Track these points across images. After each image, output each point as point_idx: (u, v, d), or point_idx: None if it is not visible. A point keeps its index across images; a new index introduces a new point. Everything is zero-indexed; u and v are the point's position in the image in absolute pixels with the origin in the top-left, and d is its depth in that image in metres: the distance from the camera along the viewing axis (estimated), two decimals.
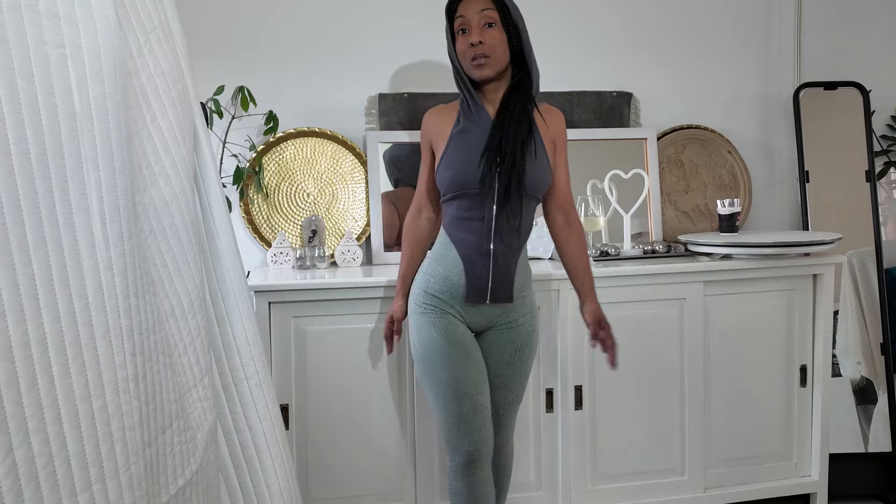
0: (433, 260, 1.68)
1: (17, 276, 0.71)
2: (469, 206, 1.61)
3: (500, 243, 1.62)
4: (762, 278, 2.18)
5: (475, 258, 1.62)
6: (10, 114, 0.71)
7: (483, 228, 1.61)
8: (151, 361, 0.88)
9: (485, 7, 1.60)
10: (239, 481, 1.17)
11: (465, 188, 1.60)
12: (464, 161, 1.60)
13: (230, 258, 1.16)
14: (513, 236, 1.63)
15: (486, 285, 1.63)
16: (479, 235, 1.61)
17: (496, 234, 1.61)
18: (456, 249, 1.64)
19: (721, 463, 2.19)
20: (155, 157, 0.95)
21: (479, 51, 1.60)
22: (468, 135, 1.63)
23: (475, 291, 1.63)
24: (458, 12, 1.63)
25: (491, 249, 1.61)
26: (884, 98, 2.65)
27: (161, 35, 0.99)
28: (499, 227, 1.61)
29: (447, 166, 1.63)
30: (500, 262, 1.62)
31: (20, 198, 0.72)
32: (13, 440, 0.70)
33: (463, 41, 1.63)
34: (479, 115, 1.64)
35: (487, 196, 1.59)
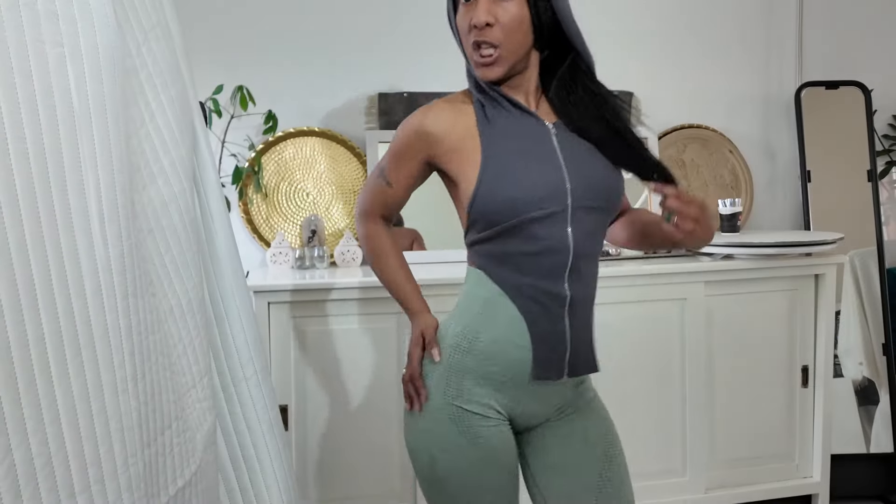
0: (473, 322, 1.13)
1: (16, 275, 0.71)
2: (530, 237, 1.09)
3: (579, 284, 1.12)
4: (764, 278, 2.17)
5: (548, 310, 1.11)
6: (9, 113, 0.71)
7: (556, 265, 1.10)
8: (150, 362, 0.88)
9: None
10: (238, 482, 1.17)
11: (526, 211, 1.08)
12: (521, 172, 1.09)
13: (229, 258, 1.16)
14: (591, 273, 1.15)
15: (565, 349, 1.11)
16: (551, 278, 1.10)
17: (573, 271, 1.11)
18: (513, 303, 1.10)
19: (722, 464, 2.18)
20: (153, 157, 0.94)
21: (484, 36, 1.08)
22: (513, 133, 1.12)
23: (548, 362, 1.11)
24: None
25: (568, 295, 1.11)
26: (885, 97, 2.65)
27: (160, 34, 0.99)
28: (577, 260, 1.11)
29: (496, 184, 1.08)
30: (578, 312, 1.13)
31: (18, 197, 0.71)
32: (11, 441, 0.70)
33: (465, 14, 1.10)
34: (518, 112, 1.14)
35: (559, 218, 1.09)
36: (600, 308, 2.02)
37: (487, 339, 1.12)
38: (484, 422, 1.12)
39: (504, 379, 1.12)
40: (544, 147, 1.12)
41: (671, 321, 2.11)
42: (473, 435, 1.12)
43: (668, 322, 2.11)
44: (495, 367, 1.12)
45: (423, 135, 1.15)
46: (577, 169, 1.11)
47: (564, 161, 1.11)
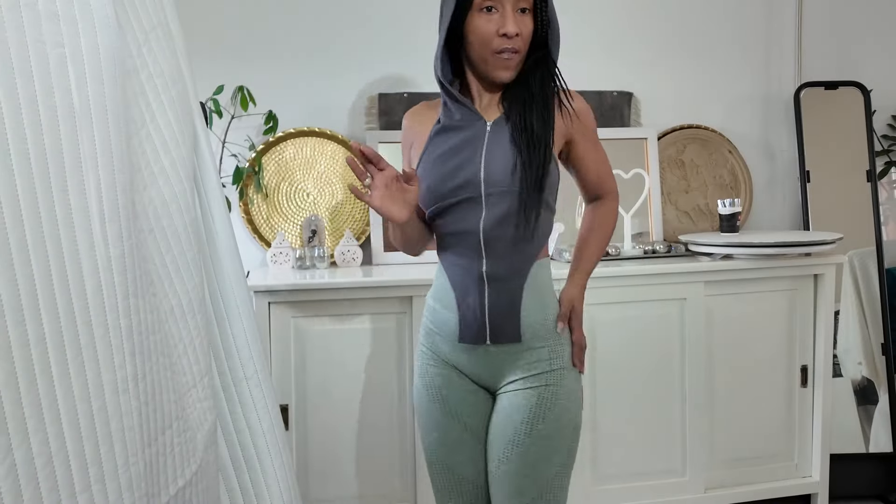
0: (430, 294, 1.39)
1: (17, 275, 0.71)
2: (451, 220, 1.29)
3: (497, 262, 1.27)
4: (763, 278, 2.17)
5: (468, 284, 1.29)
6: (9, 113, 0.71)
7: (469, 245, 1.27)
8: (151, 361, 0.88)
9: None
10: (239, 482, 1.17)
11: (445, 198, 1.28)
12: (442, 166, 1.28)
13: (230, 258, 1.16)
14: (515, 252, 1.28)
15: (483, 318, 1.28)
16: (467, 255, 1.28)
17: (490, 250, 1.27)
18: (446, 274, 1.33)
19: (722, 463, 2.18)
20: (154, 157, 0.95)
21: (511, 44, 1.24)
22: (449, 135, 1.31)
23: (470, 328, 1.29)
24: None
25: (483, 271, 1.28)
26: (885, 97, 2.65)
27: (160, 34, 0.99)
28: (490, 240, 1.27)
29: (423, 174, 1.30)
30: (498, 287, 1.28)
31: (19, 197, 0.71)
32: (12, 440, 0.70)
33: (488, 23, 1.23)
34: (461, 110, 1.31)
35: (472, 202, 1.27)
36: (600, 308, 2.04)
37: (432, 302, 1.37)
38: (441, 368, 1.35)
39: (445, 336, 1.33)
40: (473, 143, 1.29)
41: (671, 321, 2.11)
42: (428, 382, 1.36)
43: (668, 322, 2.11)
44: (439, 324, 1.34)
45: (405, 129, 1.41)
46: (495, 160, 1.27)
47: (486, 154, 1.28)
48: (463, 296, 1.30)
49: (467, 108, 1.30)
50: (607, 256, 2.22)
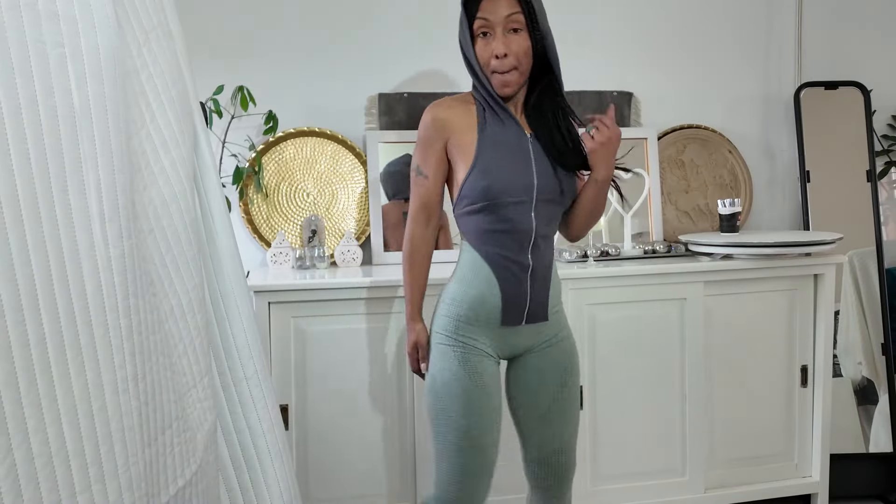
0: (461, 282, 1.49)
1: (17, 276, 0.71)
2: (503, 218, 1.45)
3: (538, 256, 1.48)
4: (763, 278, 2.17)
5: (514, 274, 1.47)
6: (10, 114, 0.71)
7: (519, 241, 1.46)
8: (151, 362, 0.88)
9: (512, 11, 1.41)
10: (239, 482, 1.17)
11: (501, 197, 1.43)
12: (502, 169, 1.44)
13: (230, 258, 1.16)
14: (548, 248, 1.51)
15: (525, 304, 1.48)
16: (515, 249, 1.46)
17: (534, 247, 1.47)
18: (488, 265, 1.47)
19: (722, 463, 2.18)
20: (154, 157, 0.95)
21: (504, 65, 1.42)
22: (501, 139, 1.47)
23: (513, 312, 1.48)
24: (481, 12, 1.42)
25: (530, 263, 1.47)
26: (885, 98, 2.65)
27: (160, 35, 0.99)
28: (537, 238, 1.47)
29: (483, 174, 1.43)
30: (538, 276, 1.49)
31: (19, 198, 0.71)
32: (12, 440, 0.70)
33: (485, 47, 1.43)
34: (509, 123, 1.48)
35: (526, 206, 1.45)
36: (600, 308, 2.04)
37: (473, 292, 1.48)
38: (473, 352, 1.48)
39: (485, 324, 1.48)
40: (522, 152, 1.47)
41: (671, 321, 2.11)
42: (463, 360, 1.47)
43: (668, 322, 2.11)
44: (480, 312, 1.48)
45: (440, 121, 1.50)
46: (542, 171, 1.47)
47: (535, 164, 1.47)
48: (507, 284, 1.47)
49: (512, 121, 1.48)
50: (608, 256, 2.22)
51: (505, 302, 1.47)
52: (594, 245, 2.24)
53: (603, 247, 2.24)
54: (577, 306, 2.04)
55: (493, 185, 1.43)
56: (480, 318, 1.48)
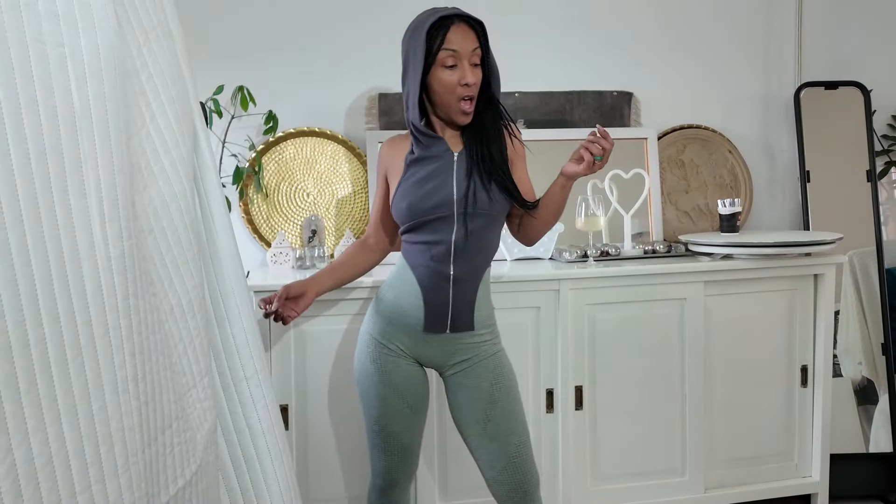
0: (389, 287, 1.62)
1: (17, 276, 0.71)
2: (427, 232, 1.55)
3: (463, 266, 1.55)
4: (763, 278, 2.17)
5: (436, 283, 1.55)
6: (9, 114, 0.71)
7: (441, 253, 1.54)
8: (151, 362, 0.88)
9: (475, 46, 1.53)
10: (239, 482, 1.17)
11: (421, 215, 1.54)
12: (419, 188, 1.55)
13: (230, 258, 1.16)
14: (475, 259, 1.57)
15: (447, 312, 1.55)
16: (438, 260, 1.54)
17: (458, 258, 1.55)
18: (413, 275, 1.57)
19: (722, 463, 2.19)
20: (154, 157, 0.95)
21: (469, 91, 1.53)
22: (423, 161, 1.58)
23: (435, 319, 1.56)
24: (450, 44, 1.51)
25: (451, 274, 1.55)
26: (885, 98, 2.65)
27: (160, 34, 0.99)
28: (461, 249, 1.55)
29: (402, 196, 1.57)
30: (461, 286, 1.56)
31: (19, 198, 0.71)
32: (12, 440, 0.70)
33: (451, 76, 1.52)
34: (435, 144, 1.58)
35: (447, 220, 1.54)
36: (600, 308, 2.04)
37: (392, 295, 1.59)
38: (393, 357, 1.59)
39: (405, 326, 1.57)
40: (444, 171, 1.56)
41: (671, 321, 2.11)
42: (381, 366, 1.58)
43: (668, 322, 2.11)
44: (398, 316, 1.58)
45: (381, 157, 1.69)
46: (465, 185, 1.54)
47: (456, 179, 1.55)
48: (429, 292, 1.56)
49: (437, 142, 1.58)
50: (608, 256, 2.22)
51: (427, 309, 1.55)
52: (594, 245, 2.24)
53: (603, 247, 2.24)
54: (577, 306, 2.04)
55: (411, 204, 1.54)
56: (402, 322, 1.57)
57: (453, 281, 1.55)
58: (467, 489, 2.01)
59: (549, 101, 2.45)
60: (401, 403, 1.59)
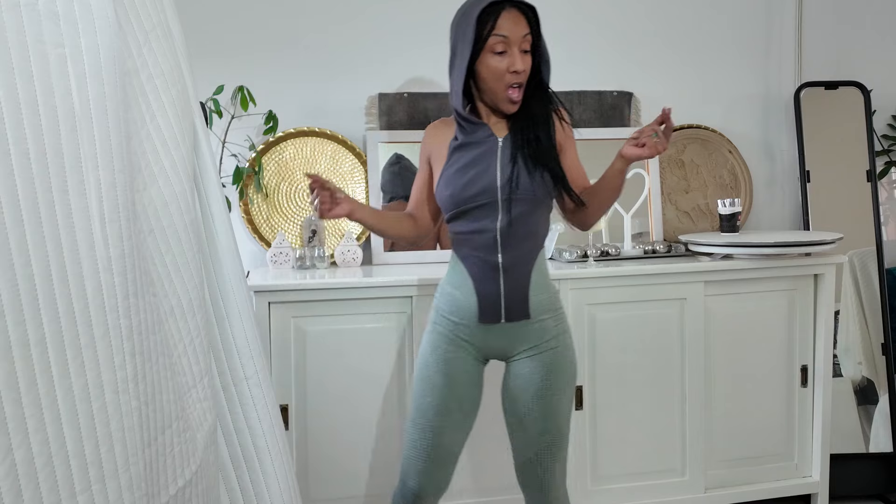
0: (444, 280, 1.60)
1: (17, 276, 0.71)
2: (470, 221, 1.54)
3: (511, 254, 1.52)
4: (763, 278, 2.17)
5: (486, 273, 1.53)
6: (10, 114, 0.71)
7: (487, 241, 1.52)
8: (151, 362, 0.88)
9: (526, 32, 1.49)
10: (239, 481, 1.17)
11: (464, 203, 1.52)
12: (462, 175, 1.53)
13: (230, 258, 1.16)
14: (525, 246, 1.54)
15: (500, 301, 1.53)
16: (485, 249, 1.52)
17: (505, 245, 1.52)
18: (464, 266, 1.55)
19: (722, 463, 2.18)
20: (154, 157, 0.95)
21: (518, 79, 1.50)
22: (467, 147, 1.56)
23: (489, 309, 1.53)
24: (500, 29, 1.47)
25: (500, 263, 1.52)
26: (885, 98, 2.65)
27: (160, 35, 0.99)
28: (508, 237, 1.52)
29: (445, 184, 1.55)
30: (512, 274, 1.53)
31: (19, 198, 0.71)
32: (12, 440, 0.70)
33: (500, 62, 1.49)
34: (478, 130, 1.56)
35: (491, 207, 1.52)
36: (600, 308, 2.04)
37: (450, 288, 1.58)
38: (453, 346, 1.55)
39: (461, 319, 1.55)
40: (488, 157, 1.54)
41: (671, 321, 2.11)
42: (435, 345, 1.56)
43: (668, 322, 2.11)
44: (456, 308, 1.56)
45: (425, 141, 1.67)
46: (508, 171, 1.52)
47: (500, 166, 1.53)
48: (480, 283, 1.53)
49: (480, 128, 1.56)
50: (608, 256, 2.22)
51: (480, 299, 1.53)
52: (594, 245, 2.24)
53: (603, 247, 2.24)
54: (577, 306, 2.04)
55: (454, 192, 1.52)
56: (460, 314, 1.55)
57: (503, 269, 1.52)
58: (467, 489, 2.01)
59: None
60: (451, 397, 1.54)
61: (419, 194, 1.68)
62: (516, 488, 2.00)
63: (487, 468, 2.01)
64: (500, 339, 1.56)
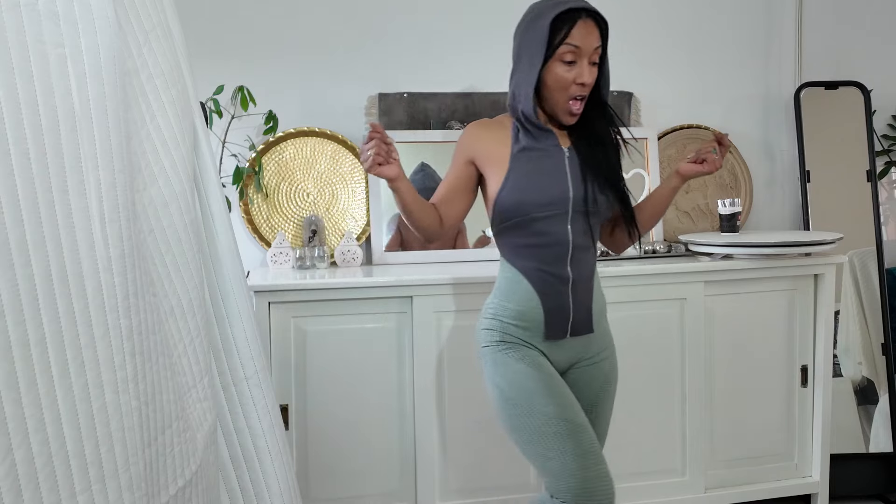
0: (501, 297, 1.51)
1: (17, 276, 0.71)
2: (538, 232, 1.47)
3: (578, 267, 1.49)
4: (763, 278, 2.17)
5: (555, 288, 1.47)
6: (10, 113, 0.71)
7: (557, 254, 1.47)
8: (151, 362, 0.88)
9: (597, 44, 1.46)
10: (239, 481, 1.17)
11: (534, 211, 1.45)
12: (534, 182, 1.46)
13: (230, 258, 1.16)
14: (588, 259, 1.52)
15: (568, 316, 1.49)
16: (554, 262, 1.47)
17: (573, 258, 1.48)
18: (527, 280, 1.48)
19: (722, 463, 2.18)
20: (154, 157, 0.95)
21: (584, 91, 1.47)
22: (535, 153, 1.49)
23: (556, 326, 1.48)
24: (573, 39, 1.42)
25: (569, 276, 1.48)
26: (885, 97, 2.65)
27: (160, 34, 0.99)
28: (575, 250, 1.48)
29: (514, 190, 1.46)
30: (579, 288, 1.49)
31: (19, 198, 0.71)
32: (12, 440, 0.70)
33: (568, 72, 1.45)
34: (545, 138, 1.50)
35: (561, 218, 1.47)
36: None
37: (513, 307, 1.49)
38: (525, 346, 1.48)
39: (529, 337, 1.48)
40: (557, 164, 1.49)
41: (671, 321, 2.11)
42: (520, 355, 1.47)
43: (668, 322, 2.11)
44: (522, 326, 1.48)
45: (470, 136, 1.55)
46: (582, 185, 1.48)
47: (570, 176, 1.49)
48: (548, 298, 1.47)
49: (547, 135, 1.50)
50: (608, 256, 2.22)
51: (548, 316, 1.48)
52: None
53: (603, 247, 2.24)
54: None
55: (525, 199, 1.45)
56: (524, 331, 1.48)
57: (572, 284, 1.48)
58: (468, 489, 2.01)
59: None
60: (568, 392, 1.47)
61: (450, 193, 1.56)
62: (516, 488, 2.01)
63: (488, 468, 2.01)
64: (562, 353, 1.52)
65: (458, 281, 1.94)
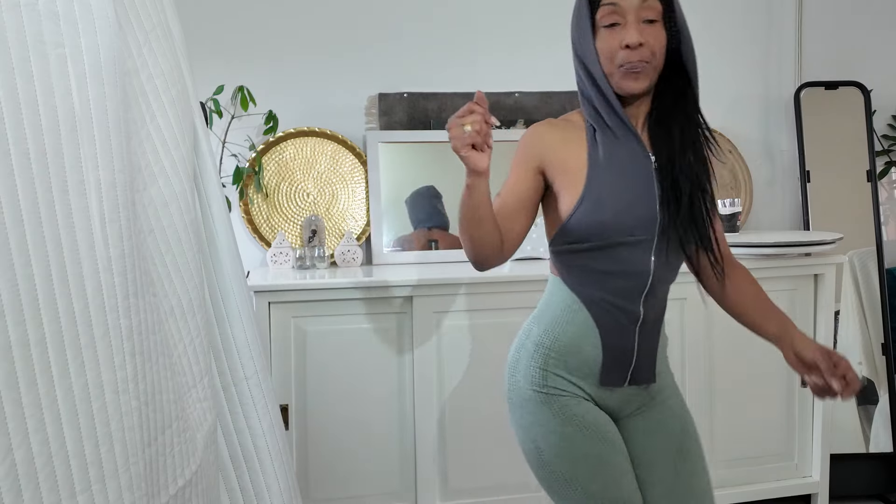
0: (550, 325, 1.23)
1: (17, 276, 0.71)
2: (616, 259, 1.19)
3: (652, 305, 1.23)
4: (763, 278, 2.16)
5: (621, 325, 1.21)
6: (9, 113, 0.71)
7: (632, 287, 1.20)
8: (151, 362, 0.88)
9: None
10: (239, 481, 1.17)
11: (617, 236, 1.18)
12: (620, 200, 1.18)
13: (230, 258, 1.16)
14: (664, 296, 1.26)
15: (631, 361, 1.23)
16: (626, 296, 1.20)
17: (649, 294, 1.21)
18: (588, 312, 1.21)
19: (722, 463, 2.18)
20: (154, 157, 0.95)
21: (637, 56, 1.16)
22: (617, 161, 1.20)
23: (615, 370, 1.22)
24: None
25: (641, 314, 1.21)
26: (885, 98, 2.65)
27: (160, 34, 0.99)
28: (654, 284, 1.21)
29: (595, 208, 1.17)
30: (648, 329, 1.24)
31: (19, 198, 0.71)
32: (12, 441, 0.70)
33: (611, 37, 1.17)
34: (628, 142, 1.21)
35: (645, 245, 1.20)
36: None
37: (566, 340, 1.22)
38: (573, 400, 1.21)
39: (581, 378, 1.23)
40: (643, 178, 1.20)
41: (671, 321, 2.11)
42: (567, 415, 1.20)
43: (668, 322, 2.10)
44: (574, 365, 1.22)
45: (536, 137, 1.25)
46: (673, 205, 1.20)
47: (659, 196, 1.20)
48: (611, 337, 1.21)
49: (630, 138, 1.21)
50: None
51: (606, 357, 1.22)
52: None
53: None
54: None
55: (608, 220, 1.17)
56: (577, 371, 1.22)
57: (641, 323, 1.22)
58: (468, 489, 2.01)
59: (549, 101, 2.45)
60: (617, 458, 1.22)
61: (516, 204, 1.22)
62: (517, 488, 2.01)
63: (488, 468, 2.01)
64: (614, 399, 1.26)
65: (458, 281, 1.94)
